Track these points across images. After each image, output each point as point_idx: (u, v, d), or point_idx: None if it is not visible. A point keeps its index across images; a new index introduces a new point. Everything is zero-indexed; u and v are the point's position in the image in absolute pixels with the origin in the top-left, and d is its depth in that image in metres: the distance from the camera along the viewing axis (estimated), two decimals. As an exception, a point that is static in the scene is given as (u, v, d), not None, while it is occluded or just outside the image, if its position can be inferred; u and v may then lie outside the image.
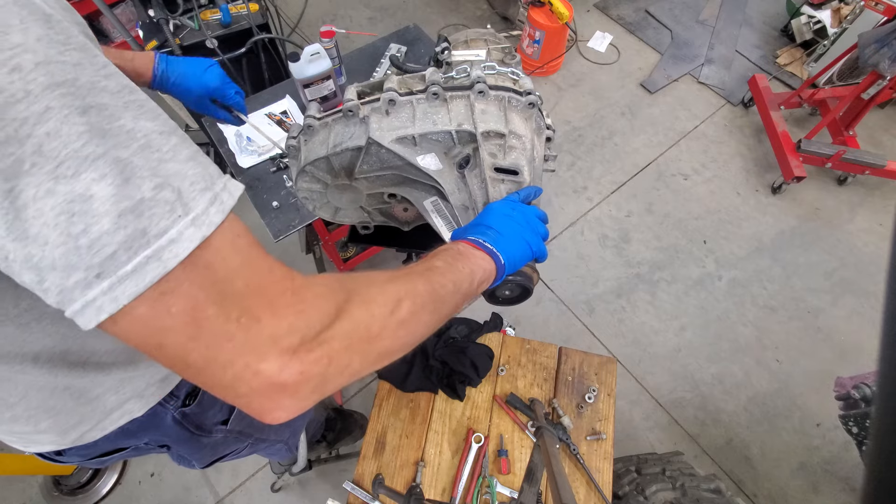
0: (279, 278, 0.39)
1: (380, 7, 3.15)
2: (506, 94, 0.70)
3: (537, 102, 0.71)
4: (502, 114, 0.69)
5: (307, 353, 0.37)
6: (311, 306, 0.39)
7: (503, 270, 0.60)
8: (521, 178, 0.70)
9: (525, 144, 0.70)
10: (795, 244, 2.34)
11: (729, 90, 2.84)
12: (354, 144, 0.69)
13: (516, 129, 0.69)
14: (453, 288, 0.51)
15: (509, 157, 0.69)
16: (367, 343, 0.42)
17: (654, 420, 1.93)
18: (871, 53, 1.99)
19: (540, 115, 0.75)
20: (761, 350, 2.07)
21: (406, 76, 0.75)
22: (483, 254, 0.58)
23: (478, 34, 0.89)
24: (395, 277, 0.48)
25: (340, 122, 0.73)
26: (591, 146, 2.63)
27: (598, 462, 1.13)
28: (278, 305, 0.37)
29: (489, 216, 0.64)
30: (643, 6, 3.22)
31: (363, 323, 0.41)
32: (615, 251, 2.30)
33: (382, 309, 0.43)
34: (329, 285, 0.42)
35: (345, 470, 1.75)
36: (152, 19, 1.70)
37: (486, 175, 0.69)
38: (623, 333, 2.10)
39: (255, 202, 1.40)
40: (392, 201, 0.83)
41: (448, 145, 0.70)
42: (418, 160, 0.70)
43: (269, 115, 1.54)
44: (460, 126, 0.68)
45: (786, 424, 1.92)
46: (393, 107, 0.70)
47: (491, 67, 0.73)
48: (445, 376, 1.22)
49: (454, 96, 0.70)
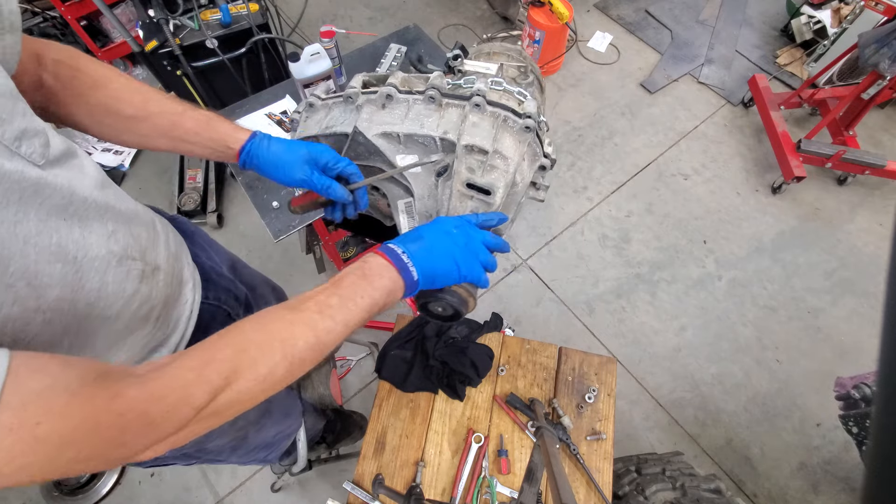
0: (124, 412, 0.40)
1: (380, 7, 3.15)
2: (503, 113, 0.68)
3: (535, 127, 0.69)
4: (493, 131, 0.67)
5: (176, 443, 0.44)
6: (169, 423, 0.42)
7: (416, 286, 0.60)
8: (492, 200, 0.67)
9: (508, 167, 0.68)
10: (795, 244, 2.34)
11: (729, 90, 2.84)
12: (342, 130, 0.71)
13: (503, 149, 0.67)
14: (342, 329, 0.54)
15: (487, 176, 0.67)
16: (228, 415, 0.47)
17: (654, 420, 1.93)
18: (871, 53, 1.99)
19: (537, 141, 0.72)
20: (761, 350, 2.07)
21: (412, 75, 0.76)
22: (392, 271, 0.58)
23: (503, 49, 0.89)
24: (275, 334, 0.49)
25: (339, 106, 0.75)
26: (591, 146, 2.63)
27: (598, 462, 1.13)
28: (138, 434, 0.41)
29: (428, 228, 0.63)
30: (643, 6, 3.22)
31: (223, 409, 0.46)
32: (615, 251, 2.30)
33: (252, 384, 0.47)
34: (188, 382, 0.44)
35: (345, 470, 1.75)
36: (152, 19, 1.70)
37: (455, 188, 0.67)
38: (623, 333, 2.10)
39: (255, 202, 1.40)
40: (376, 194, 0.84)
41: (432, 151, 0.70)
42: (397, 158, 0.70)
43: (269, 115, 1.54)
44: (445, 134, 0.67)
45: (786, 424, 1.92)
46: (390, 102, 0.71)
47: (498, 83, 0.72)
48: (445, 376, 1.22)
49: (451, 104, 0.70)
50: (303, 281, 2.17)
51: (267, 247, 2.26)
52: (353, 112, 0.72)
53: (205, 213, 2.30)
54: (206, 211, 2.30)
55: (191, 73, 1.82)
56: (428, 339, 1.27)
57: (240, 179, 1.45)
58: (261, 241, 2.28)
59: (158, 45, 1.71)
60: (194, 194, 2.29)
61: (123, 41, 2.55)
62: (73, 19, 2.36)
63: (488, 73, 0.80)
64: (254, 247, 2.28)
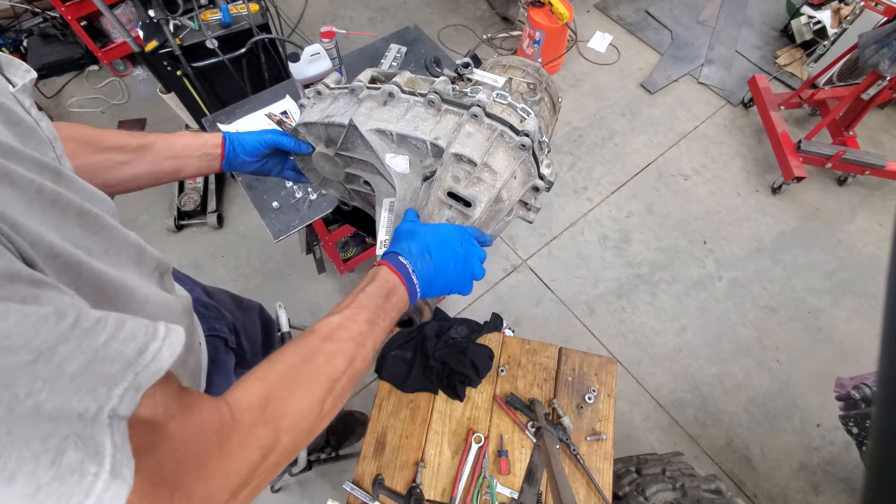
0: (208, 433, 0.38)
1: (380, 7, 3.15)
2: (500, 127, 0.67)
3: (531, 147, 0.67)
4: (487, 144, 0.66)
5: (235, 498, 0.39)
6: (237, 460, 0.39)
7: (413, 302, 0.61)
8: (471, 213, 0.66)
9: (496, 183, 0.66)
10: (796, 245, 2.34)
11: (729, 90, 2.84)
12: (340, 121, 0.72)
13: (493, 163, 0.66)
14: (372, 353, 0.54)
15: (471, 188, 0.66)
16: (293, 453, 0.46)
17: (654, 420, 1.92)
18: (871, 54, 1.99)
19: (532, 160, 0.70)
20: (761, 350, 2.07)
21: (419, 77, 0.76)
22: (403, 290, 0.59)
23: (520, 63, 0.88)
24: (320, 369, 0.48)
25: (344, 98, 0.76)
26: (592, 146, 2.63)
27: (598, 462, 1.13)
28: (206, 469, 0.36)
29: (437, 241, 0.62)
30: (643, 6, 3.22)
31: (288, 449, 0.44)
32: (615, 251, 2.30)
33: (307, 421, 0.46)
34: (255, 422, 0.41)
35: (345, 470, 1.75)
36: (152, 19, 1.70)
37: (436, 194, 0.67)
38: (623, 334, 2.10)
39: (255, 202, 1.40)
40: (367, 188, 0.84)
41: (424, 154, 0.69)
42: (387, 156, 0.70)
43: (269, 115, 1.54)
44: (436, 139, 0.66)
45: (786, 425, 1.92)
46: (391, 100, 0.71)
47: (503, 97, 0.71)
48: (445, 377, 1.22)
49: (450, 111, 0.69)
50: (303, 281, 2.17)
51: (267, 247, 2.26)
52: (356, 105, 0.72)
53: (205, 214, 2.30)
54: (206, 211, 2.30)
55: (191, 74, 1.82)
56: (428, 340, 1.27)
57: (240, 180, 1.45)
58: (261, 242, 2.28)
59: (158, 45, 1.71)
60: (194, 195, 2.29)
61: (123, 41, 2.56)
62: (74, 19, 2.36)
63: (495, 85, 0.79)
64: (254, 247, 2.28)
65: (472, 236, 0.66)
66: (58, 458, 0.26)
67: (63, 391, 0.27)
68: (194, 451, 0.36)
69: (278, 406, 0.43)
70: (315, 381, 0.47)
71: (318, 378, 0.47)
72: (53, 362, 0.27)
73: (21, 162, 0.38)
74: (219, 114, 1.55)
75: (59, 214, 0.40)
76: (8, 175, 0.36)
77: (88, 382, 0.28)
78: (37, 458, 0.25)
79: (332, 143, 0.77)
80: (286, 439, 0.43)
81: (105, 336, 0.30)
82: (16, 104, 0.45)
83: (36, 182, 0.38)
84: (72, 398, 0.27)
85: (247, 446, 0.40)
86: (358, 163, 0.77)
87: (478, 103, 0.67)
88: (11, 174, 0.36)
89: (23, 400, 0.25)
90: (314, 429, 0.47)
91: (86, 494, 0.27)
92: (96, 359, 0.29)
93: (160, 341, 0.32)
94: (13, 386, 0.25)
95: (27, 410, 0.26)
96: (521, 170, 0.70)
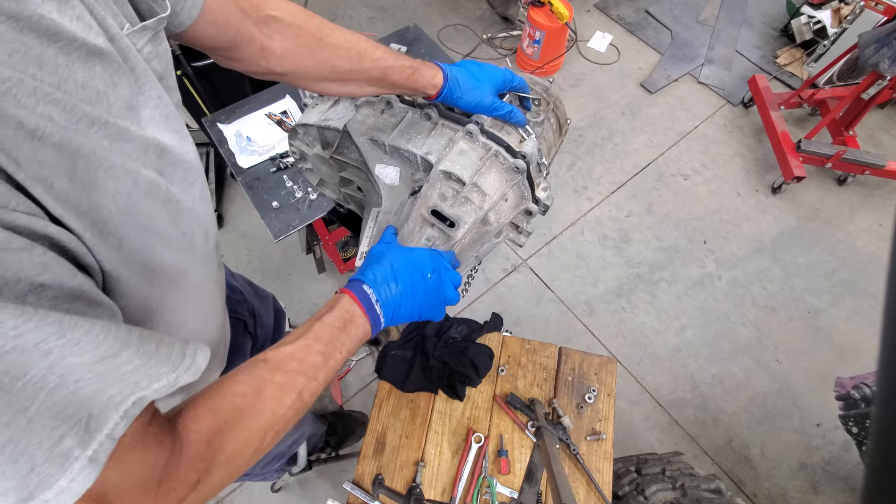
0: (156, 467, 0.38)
1: (380, 7, 3.15)
2: (495, 147, 0.65)
3: (525, 169, 0.66)
4: (479, 164, 0.64)
5: None
6: (170, 498, 0.39)
7: (377, 332, 0.60)
8: (454, 234, 0.64)
9: (484, 205, 0.64)
10: (795, 244, 2.34)
11: (729, 90, 2.84)
12: (335, 126, 0.71)
13: (484, 185, 0.64)
14: (322, 387, 0.53)
15: (457, 208, 0.64)
16: (219, 488, 0.45)
17: (654, 420, 1.93)
18: (871, 53, 1.99)
19: (526, 184, 0.68)
20: (761, 350, 2.07)
21: None
22: (364, 321, 0.57)
23: (529, 80, 0.87)
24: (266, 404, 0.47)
25: (344, 102, 0.75)
26: (591, 146, 2.63)
27: (598, 462, 1.13)
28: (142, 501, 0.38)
29: (403, 268, 0.60)
30: (643, 6, 3.22)
31: (217, 484, 0.44)
32: (615, 251, 2.30)
33: (243, 457, 0.46)
34: (198, 456, 0.42)
35: (345, 470, 1.75)
36: (152, 19, 1.70)
37: (419, 211, 0.65)
38: (623, 333, 2.10)
39: (255, 202, 1.40)
40: (361, 194, 0.83)
41: (416, 167, 0.68)
42: (377, 166, 0.68)
43: (269, 115, 1.54)
44: (426, 154, 0.65)
45: (786, 424, 1.92)
46: (388, 109, 0.70)
47: None
48: (445, 376, 1.21)
49: (446, 125, 0.68)
50: (303, 281, 2.17)
51: (267, 247, 2.26)
52: (353, 110, 0.72)
53: (205, 213, 2.30)
54: (206, 211, 2.30)
55: (191, 73, 1.82)
56: (428, 340, 1.27)
57: (240, 179, 1.45)
58: (261, 241, 2.28)
59: (158, 45, 1.71)
60: (194, 194, 2.29)
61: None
62: (73, 19, 2.36)
63: None
64: (254, 247, 2.28)
65: (445, 260, 0.64)
66: None
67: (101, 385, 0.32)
68: (139, 483, 0.37)
69: (221, 440, 0.43)
70: (261, 416, 0.46)
71: (263, 413, 0.46)
72: None
73: None
74: (219, 114, 1.55)
75: None
76: None
77: None
78: None
79: (328, 147, 0.76)
80: (218, 475, 0.43)
81: None
82: None
83: None
84: None
85: (183, 482, 0.40)
86: (352, 168, 0.77)
87: (476, 120, 0.66)
88: None
89: None
90: (247, 465, 0.46)
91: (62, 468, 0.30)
92: None
93: (190, 359, 0.39)
94: None
95: None
96: (513, 192, 0.68)
